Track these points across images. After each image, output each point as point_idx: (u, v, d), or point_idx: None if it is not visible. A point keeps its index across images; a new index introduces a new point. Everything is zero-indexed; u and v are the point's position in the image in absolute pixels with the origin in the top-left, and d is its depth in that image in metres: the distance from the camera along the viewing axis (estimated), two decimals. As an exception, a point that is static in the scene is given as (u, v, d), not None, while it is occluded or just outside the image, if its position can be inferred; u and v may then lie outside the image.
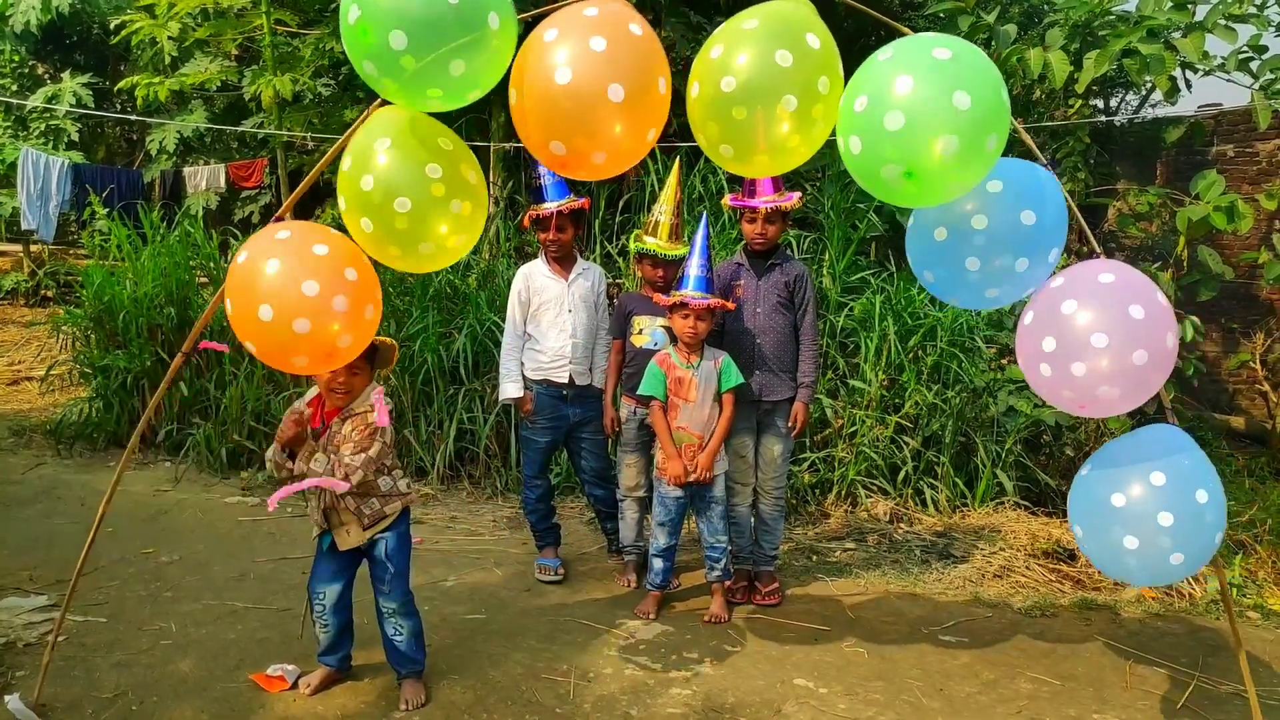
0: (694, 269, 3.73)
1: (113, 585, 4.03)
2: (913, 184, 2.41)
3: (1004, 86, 2.42)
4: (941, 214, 2.78)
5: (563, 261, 4.25)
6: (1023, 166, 2.78)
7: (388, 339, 3.12)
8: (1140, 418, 5.65)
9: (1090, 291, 2.59)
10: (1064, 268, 2.81)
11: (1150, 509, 2.58)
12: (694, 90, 2.61)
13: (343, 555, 3.20)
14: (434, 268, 2.94)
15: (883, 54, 2.47)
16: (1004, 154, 2.58)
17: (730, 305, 3.85)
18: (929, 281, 2.98)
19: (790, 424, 3.99)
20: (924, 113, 2.32)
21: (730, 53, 2.51)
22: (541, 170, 4.10)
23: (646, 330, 4.16)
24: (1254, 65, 5.79)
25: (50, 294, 9.83)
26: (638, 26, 2.51)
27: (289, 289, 2.53)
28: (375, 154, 2.60)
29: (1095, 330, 2.52)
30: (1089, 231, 3.09)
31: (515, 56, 2.53)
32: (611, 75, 2.42)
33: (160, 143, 10.02)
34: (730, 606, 4.00)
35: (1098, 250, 2.90)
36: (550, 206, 4.12)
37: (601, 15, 2.48)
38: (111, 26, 8.97)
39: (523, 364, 4.23)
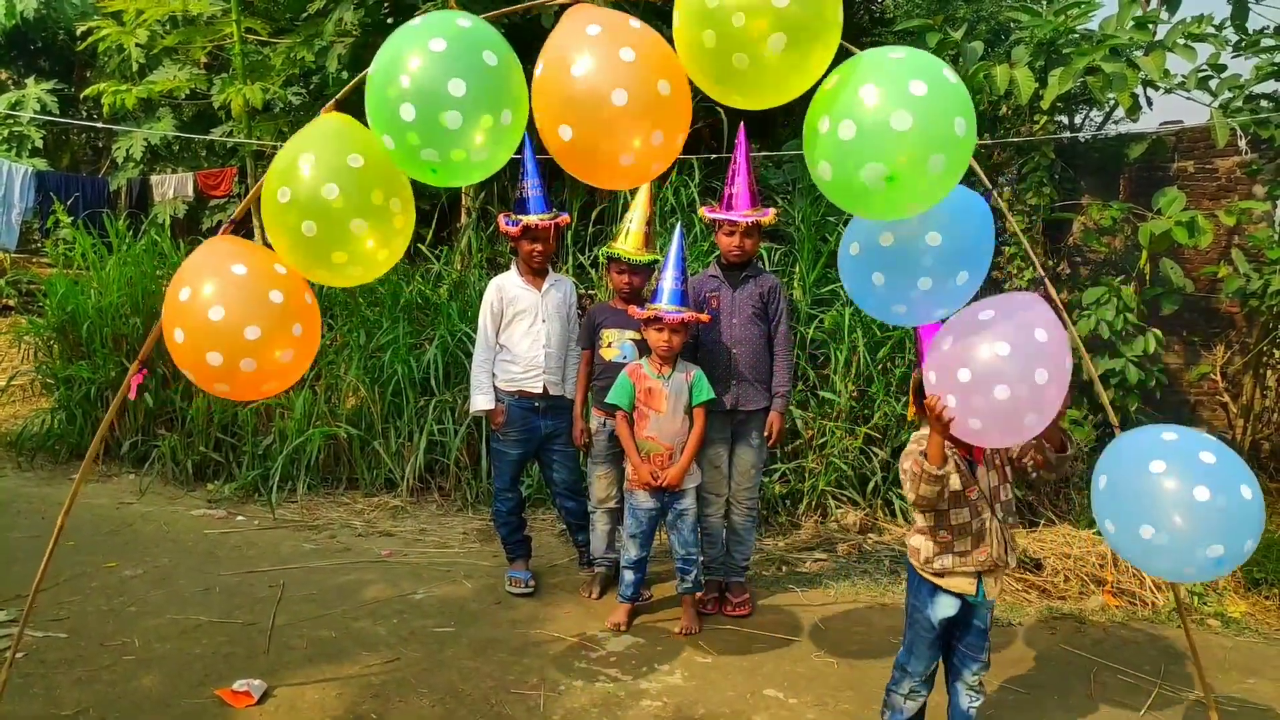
0: (668, 282, 3.75)
1: (74, 600, 3.96)
2: (894, 186, 2.31)
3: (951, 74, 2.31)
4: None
5: (539, 273, 4.26)
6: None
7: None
8: (1102, 430, 5.74)
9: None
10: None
11: (1191, 448, 2.44)
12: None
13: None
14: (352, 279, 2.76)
15: (829, 81, 2.35)
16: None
17: (705, 317, 3.87)
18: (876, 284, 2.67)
19: (765, 434, 4.02)
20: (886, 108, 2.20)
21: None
22: (529, 182, 4.11)
23: (615, 343, 4.17)
24: (1213, 84, 5.93)
25: (12, 303, 9.64)
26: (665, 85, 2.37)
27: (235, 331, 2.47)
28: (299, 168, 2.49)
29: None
30: (1033, 255, 3.12)
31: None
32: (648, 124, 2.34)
33: (127, 150, 9.87)
34: (701, 618, 4.00)
35: (1040, 273, 2.92)
36: (540, 219, 4.11)
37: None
38: (78, 33, 8.85)
39: (494, 375, 4.23)
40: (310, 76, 8.33)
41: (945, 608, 2.81)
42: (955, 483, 2.70)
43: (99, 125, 10.55)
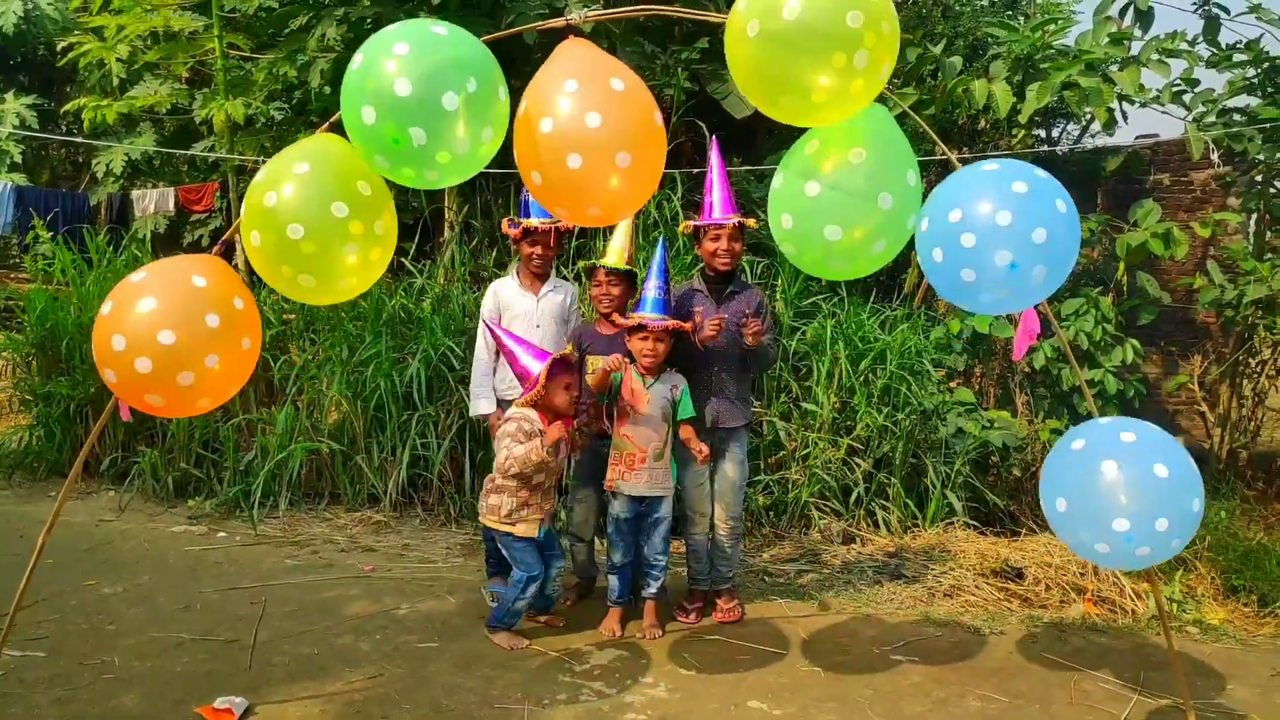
0: (651, 290, 3.76)
1: (53, 619, 3.92)
2: None
3: None
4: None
5: (539, 276, 4.27)
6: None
7: None
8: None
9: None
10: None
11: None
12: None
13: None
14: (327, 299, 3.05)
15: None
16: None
17: (688, 326, 3.87)
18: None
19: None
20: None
21: None
22: None
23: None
24: (1187, 98, 6.03)
25: (-10, 319, 9.60)
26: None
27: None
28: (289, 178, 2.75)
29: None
30: None
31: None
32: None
33: (107, 165, 9.83)
34: (664, 622, 4.03)
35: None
36: (541, 222, 4.12)
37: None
38: (58, 48, 8.83)
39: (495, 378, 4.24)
40: (293, 92, 8.34)
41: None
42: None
43: (79, 140, 10.51)
